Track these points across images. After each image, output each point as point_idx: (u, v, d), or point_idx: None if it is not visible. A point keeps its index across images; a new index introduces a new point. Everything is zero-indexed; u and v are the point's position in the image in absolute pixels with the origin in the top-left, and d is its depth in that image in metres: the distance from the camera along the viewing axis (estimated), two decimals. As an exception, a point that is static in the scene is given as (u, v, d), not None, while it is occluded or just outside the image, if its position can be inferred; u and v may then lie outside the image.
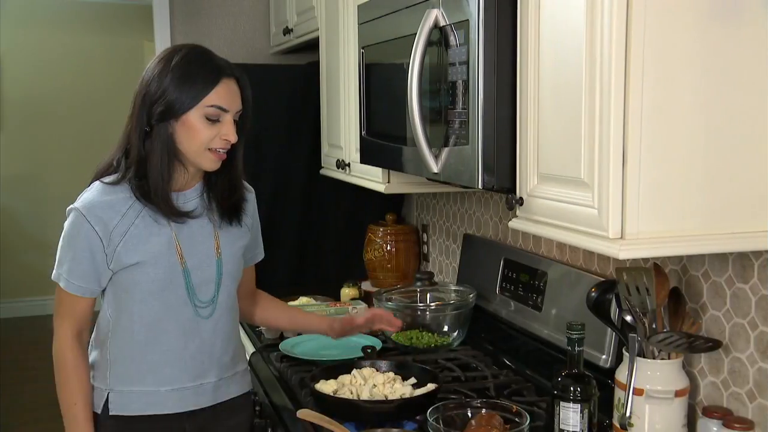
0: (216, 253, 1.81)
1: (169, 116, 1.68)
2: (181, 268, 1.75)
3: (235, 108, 1.71)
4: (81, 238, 1.71)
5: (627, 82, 1.24)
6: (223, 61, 1.73)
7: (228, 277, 1.83)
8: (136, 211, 1.72)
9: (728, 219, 1.32)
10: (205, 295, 1.80)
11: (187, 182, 1.78)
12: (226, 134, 1.69)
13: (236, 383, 1.89)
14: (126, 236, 1.70)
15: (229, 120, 1.70)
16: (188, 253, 1.76)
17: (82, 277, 1.73)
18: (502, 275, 2.32)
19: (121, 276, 1.73)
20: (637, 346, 1.55)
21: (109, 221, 1.70)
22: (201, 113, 1.67)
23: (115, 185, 1.73)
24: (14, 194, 6.40)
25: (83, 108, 6.47)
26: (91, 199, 1.72)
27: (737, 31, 1.28)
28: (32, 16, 6.32)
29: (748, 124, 1.30)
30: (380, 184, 2.27)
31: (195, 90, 1.66)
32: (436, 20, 1.63)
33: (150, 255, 1.72)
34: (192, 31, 3.62)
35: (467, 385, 1.99)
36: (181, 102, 1.67)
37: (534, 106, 1.47)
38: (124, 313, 1.76)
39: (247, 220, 1.90)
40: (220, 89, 1.68)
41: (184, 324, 1.78)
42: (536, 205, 1.49)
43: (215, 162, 1.72)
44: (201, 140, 1.68)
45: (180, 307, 1.77)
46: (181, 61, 1.69)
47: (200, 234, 1.79)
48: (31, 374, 5.06)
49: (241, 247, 1.88)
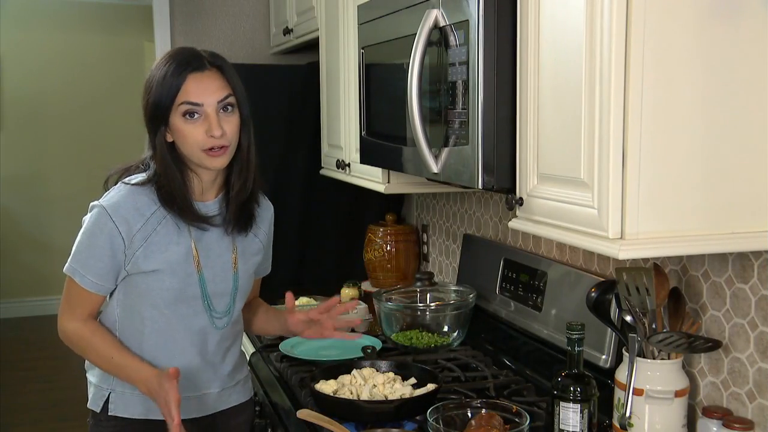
0: (233, 267, 1.81)
1: (158, 123, 1.67)
2: (198, 277, 1.75)
3: (212, 99, 1.66)
4: (103, 236, 1.69)
5: (627, 82, 1.24)
6: (195, 56, 1.68)
7: (241, 292, 1.84)
8: (159, 217, 1.71)
9: (728, 219, 1.32)
10: (220, 306, 1.80)
11: (204, 191, 1.76)
12: (209, 129, 1.65)
13: (238, 392, 1.90)
14: (147, 242, 1.69)
15: (209, 114, 1.65)
16: (206, 263, 1.76)
17: (98, 275, 1.71)
18: (502, 275, 2.32)
19: (136, 280, 1.73)
20: (637, 346, 1.55)
21: (133, 223, 1.69)
22: (179, 114, 1.65)
23: (141, 187, 1.72)
24: (14, 194, 6.40)
25: (83, 108, 6.47)
26: (117, 199, 1.71)
27: (737, 31, 1.28)
28: (32, 16, 6.32)
29: (749, 123, 1.30)
30: (380, 185, 2.27)
31: (166, 91, 1.65)
32: (436, 20, 1.63)
33: (167, 264, 1.71)
34: (192, 31, 3.62)
35: (467, 385, 1.99)
36: (159, 106, 1.66)
37: (534, 106, 1.47)
38: (135, 316, 1.76)
39: (261, 236, 1.88)
40: (188, 84, 1.65)
41: (193, 335, 1.78)
42: (536, 205, 1.49)
43: (215, 160, 1.69)
44: (191, 143, 1.66)
45: (192, 317, 1.76)
46: (159, 65, 1.68)
47: (218, 246, 1.78)
48: (31, 374, 5.07)
49: (255, 263, 1.88)
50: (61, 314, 1.76)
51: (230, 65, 1.73)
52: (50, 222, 6.36)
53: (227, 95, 1.68)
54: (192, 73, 1.65)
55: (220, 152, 1.68)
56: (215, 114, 1.66)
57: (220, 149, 1.68)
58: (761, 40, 1.29)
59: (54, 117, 6.45)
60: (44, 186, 6.47)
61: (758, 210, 1.33)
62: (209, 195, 1.78)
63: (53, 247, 6.27)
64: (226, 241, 1.79)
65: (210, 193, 1.78)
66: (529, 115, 1.49)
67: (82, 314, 1.74)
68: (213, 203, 1.78)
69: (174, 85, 1.64)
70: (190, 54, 1.70)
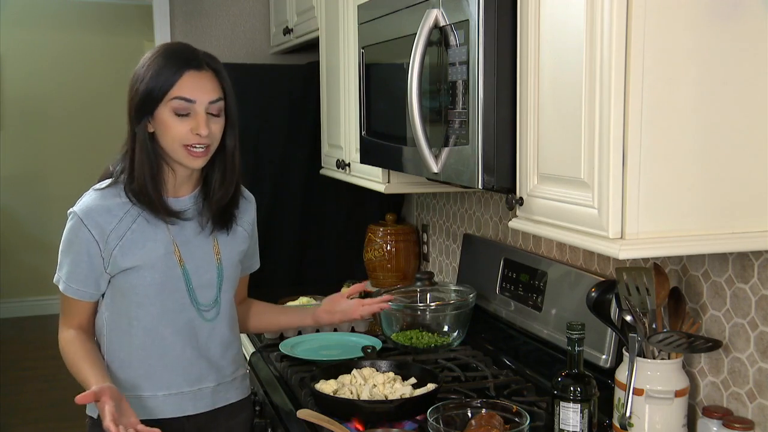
0: (216, 257, 1.81)
1: (144, 113, 1.67)
2: (181, 271, 1.75)
3: (205, 99, 1.67)
4: (78, 243, 1.72)
5: (627, 82, 1.24)
6: (194, 54, 1.70)
7: (228, 282, 1.84)
8: (133, 216, 1.72)
9: (728, 219, 1.32)
10: (206, 298, 1.80)
11: (178, 186, 1.76)
12: (196, 128, 1.66)
13: (235, 389, 1.89)
14: (123, 240, 1.70)
15: (199, 113, 1.66)
16: (187, 256, 1.76)
17: (80, 281, 1.73)
18: (502, 275, 2.32)
19: (119, 280, 1.73)
20: (637, 346, 1.55)
21: (106, 225, 1.70)
22: (169, 107, 1.66)
23: (110, 188, 1.73)
24: (14, 194, 6.40)
25: (83, 108, 6.48)
26: (88, 203, 1.72)
27: (737, 31, 1.28)
28: (32, 16, 6.32)
29: (748, 123, 1.30)
30: (380, 184, 2.27)
31: (160, 83, 1.65)
32: (436, 20, 1.63)
33: (147, 259, 1.72)
34: (192, 31, 3.62)
35: (467, 385, 1.99)
36: (150, 97, 1.66)
37: (534, 106, 1.47)
38: (123, 318, 1.76)
39: (246, 226, 1.89)
40: (184, 81, 1.65)
41: (181, 328, 1.78)
42: (536, 205, 1.49)
43: (194, 160, 1.69)
44: (173, 136, 1.66)
45: (178, 311, 1.77)
46: (153, 57, 1.69)
47: (197, 238, 1.79)
48: (31, 374, 5.07)
49: (240, 252, 1.88)
50: (59, 325, 1.79)
51: (224, 69, 1.74)
52: (50, 222, 6.36)
53: (218, 98, 1.70)
54: (189, 70, 1.66)
55: (201, 152, 1.69)
56: (204, 113, 1.67)
57: (203, 149, 1.69)
58: (761, 40, 1.29)
59: (54, 117, 6.45)
60: (44, 186, 6.47)
61: (758, 210, 1.33)
62: (183, 191, 1.78)
63: (53, 247, 6.16)
64: (205, 232, 1.80)
65: (184, 188, 1.78)
66: (529, 115, 1.49)
67: (73, 323, 1.77)
68: (187, 199, 1.78)
69: (170, 78, 1.65)
70: (188, 50, 1.71)
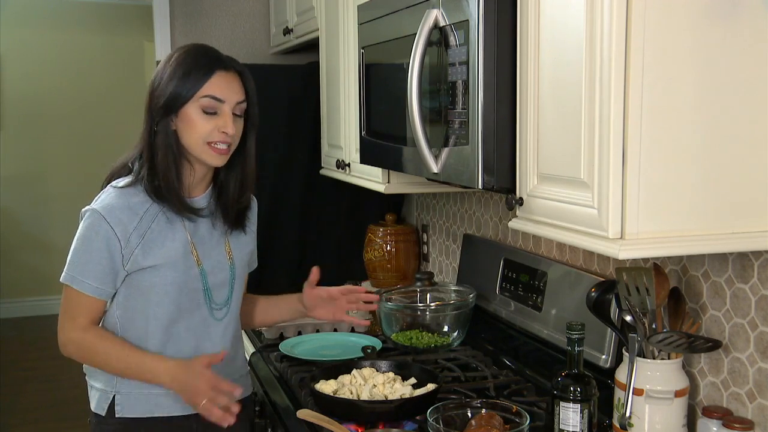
0: (228, 257, 1.84)
1: (169, 111, 1.70)
2: (198, 270, 1.77)
3: (233, 99, 1.72)
4: (99, 239, 1.70)
5: (627, 82, 1.24)
6: (221, 55, 1.75)
7: (239, 281, 1.87)
8: (153, 214, 1.73)
9: (728, 219, 1.32)
10: (220, 297, 1.82)
11: (195, 184, 1.79)
12: (224, 126, 1.69)
13: (241, 386, 1.89)
14: (144, 239, 1.71)
15: (226, 112, 1.71)
16: (204, 256, 1.79)
17: (97, 278, 1.71)
18: (502, 275, 2.32)
19: (137, 278, 1.73)
20: (637, 346, 1.55)
21: (128, 223, 1.71)
22: (198, 105, 1.69)
23: (130, 188, 1.74)
24: (14, 194, 6.40)
25: (83, 108, 6.47)
26: (109, 201, 1.72)
27: (737, 31, 1.28)
28: (32, 16, 6.32)
29: (748, 123, 1.30)
30: (380, 184, 2.27)
31: (190, 82, 1.68)
32: (436, 20, 1.63)
33: (167, 257, 1.73)
34: (192, 31, 3.62)
35: (467, 385, 1.99)
36: (179, 95, 1.69)
37: (534, 106, 1.47)
38: (139, 315, 1.76)
39: (251, 226, 1.93)
40: (215, 80, 1.69)
41: (195, 327, 1.79)
42: (536, 205, 1.49)
43: (216, 157, 1.72)
44: (199, 133, 1.69)
45: (192, 310, 1.78)
46: (179, 57, 1.72)
47: (212, 238, 1.81)
48: (31, 374, 5.07)
49: (248, 252, 1.92)
50: (62, 327, 1.75)
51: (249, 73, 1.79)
52: (50, 222, 6.36)
53: (243, 100, 1.75)
54: (219, 70, 1.71)
55: (224, 150, 1.72)
56: (230, 113, 1.71)
57: (226, 147, 1.72)
58: (761, 39, 1.29)
59: (54, 117, 6.45)
60: (44, 186, 6.47)
61: (758, 210, 1.33)
62: (198, 190, 1.81)
63: (53, 247, 6.27)
64: (217, 233, 1.83)
65: (199, 188, 1.81)
66: (529, 115, 1.49)
67: (83, 323, 1.73)
68: (201, 199, 1.81)
69: (201, 77, 1.69)
70: (214, 51, 1.76)
